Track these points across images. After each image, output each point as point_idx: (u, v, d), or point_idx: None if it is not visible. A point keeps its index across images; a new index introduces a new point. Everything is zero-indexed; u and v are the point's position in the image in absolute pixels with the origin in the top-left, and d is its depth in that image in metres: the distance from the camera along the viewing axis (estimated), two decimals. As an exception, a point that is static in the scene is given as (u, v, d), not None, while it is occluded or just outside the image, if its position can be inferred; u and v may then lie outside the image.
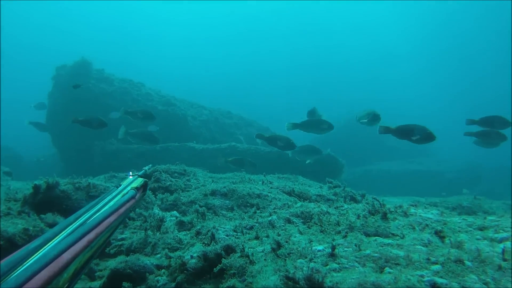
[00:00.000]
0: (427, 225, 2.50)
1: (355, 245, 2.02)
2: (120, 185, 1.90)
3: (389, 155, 22.06)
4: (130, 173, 2.14)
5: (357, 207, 3.10)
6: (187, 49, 69.09)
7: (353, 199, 4.92)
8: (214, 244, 2.44)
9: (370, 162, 20.87)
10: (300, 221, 2.86)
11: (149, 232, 3.07)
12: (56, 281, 0.98)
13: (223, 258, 2.20)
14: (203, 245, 2.54)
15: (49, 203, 3.81)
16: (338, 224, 2.54)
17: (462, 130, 7.41)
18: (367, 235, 2.30)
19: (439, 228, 2.40)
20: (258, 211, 3.49)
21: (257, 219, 2.91)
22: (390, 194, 13.19)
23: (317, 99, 52.44)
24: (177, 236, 2.94)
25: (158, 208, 3.70)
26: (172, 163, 6.19)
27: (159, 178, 4.84)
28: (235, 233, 2.66)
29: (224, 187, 4.16)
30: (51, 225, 3.33)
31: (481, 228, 2.56)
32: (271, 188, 4.49)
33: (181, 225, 3.28)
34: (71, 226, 1.27)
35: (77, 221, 1.33)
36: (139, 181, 2.01)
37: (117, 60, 53.93)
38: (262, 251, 2.20)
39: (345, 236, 2.25)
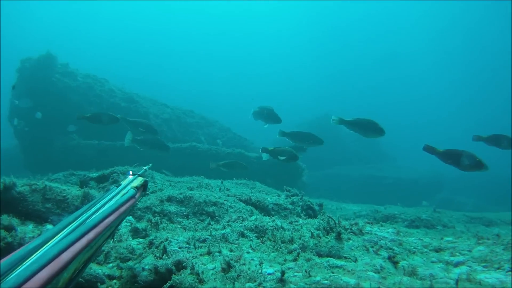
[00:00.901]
0: (381, 246, 2.48)
1: (305, 271, 1.97)
2: (120, 185, 1.90)
3: (350, 159, 22.14)
4: (130, 172, 2.13)
5: (312, 222, 3.06)
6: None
7: (310, 208, 4.93)
8: (166, 257, 2.39)
9: (331, 166, 20.80)
10: (254, 235, 2.82)
11: (103, 239, 2.97)
12: (56, 280, 0.98)
13: (173, 274, 2.16)
14: (155, 257, 2.49)
15: (5, 204, 3.68)
16: (291, 241, 2.51)
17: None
18: (320, 255, 2.27)
19: (392, 251, 2.39)
20: (212, 222, 3.45)
21: (211, 232, 2.86)
22: (350, 200, 13.37)
23: (312, 101, 52.90)
24: (130, 245, 2.85)
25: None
26: (133, 161, 6.07)
27: (116, 180, 4.76)
28: (188, 245, 2.61)
29: (181, 193, 4.10)
30: (6, 228, 3.20)
31: (437, 250, 2.56)
32: (228, 195, 4.44)
33: (135, 232, 3.20)
34: (70, 225, 1.27)
35: (77, 220, 1.33)
36: (139, 180, 2.02)
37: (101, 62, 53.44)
38: (213, 269, 2.15)
39: (296, 259, 2.20)
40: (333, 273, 1.97)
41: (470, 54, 59.42)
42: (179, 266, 2.25)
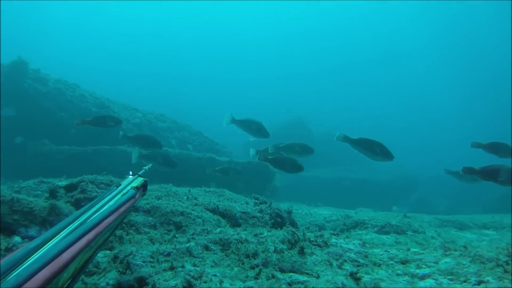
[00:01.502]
0: (345, 260, 2.46)
1: (264, 291, 1.94)
2: (120, 185, 1.93)
3: (322, 161, 21.99)
4: (130, 172, 2.16)
5: (278, 234, 3.00)
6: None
7: (279, 216, 4.90)
8: (129, 272, 2.38)
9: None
10: (219, 248, 2.78)
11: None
12: (56, 280, 0.98)
13: (135, 291, 2.13)
14: (118, 273, 2.45)
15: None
16: (255, 255, 2.47)
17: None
18: (283, 270, 2.23)
19: (357, 264, 2.38)
20: (178, 234, 3.40)
21: (175, 245, 2.82)
22: (323, 203, 13.35)
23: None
24: (95, 259, 2.83)
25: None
26: (103, 167, 5.97)
27: (85, 189, 4.65)
28: (152, 259, 2.58)
29: (148, 203, 4.08)
30: (-26, 240, 3.13)
31: (403, 262, 2.55)
32: (195, 205, 4.43)
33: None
34: (70, 225, 1.28)
35: (77, 220, 1.34)
36: (139, 180, 2.05)
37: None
38: (175, 286, 2.12)
39: (257, 276, 2.15)
40: (292, 293, 1.92)
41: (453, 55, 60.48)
42: (142, 282, 2.23)
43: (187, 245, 2.80)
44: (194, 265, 2.39)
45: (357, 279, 2.06)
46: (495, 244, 5.66)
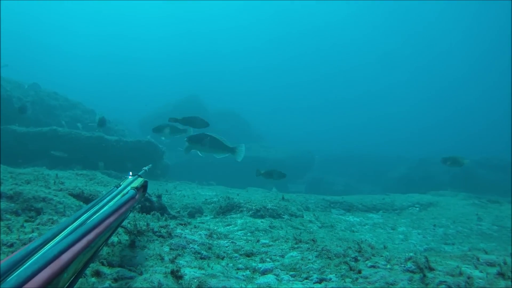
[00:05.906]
0: (179, 254, 2.31)
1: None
2: (120, 185, 1.93)
3: None
4: (130, 173, 2.17)
5: (124, 224, 2.92)
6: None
7: (148, 200, 4.75)
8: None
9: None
10: None
11: None
12: (56, 281, 0.98)
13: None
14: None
15: None
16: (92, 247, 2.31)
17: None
18: (111, 265, 2.07)
19: (199, 256, 2.31)
20: (26, 224, 3.12)
21: (19, 236, 2.66)
22: (216, 182, 13.50)
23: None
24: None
25: None
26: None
27: None
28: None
29: (11, 189, 3.91)
30: None
31: (248, 255, 2.46)
32: (60, 190, 4.31)
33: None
34: (70, 226, 1.28)
35: (77, 221, 1.34)
36: (139, 181, 2.06)
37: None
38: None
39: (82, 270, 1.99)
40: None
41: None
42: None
43: (31, 235, 2.66)
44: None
45: (178, 277, 1.91)
46: (378, 228, 5.96)
